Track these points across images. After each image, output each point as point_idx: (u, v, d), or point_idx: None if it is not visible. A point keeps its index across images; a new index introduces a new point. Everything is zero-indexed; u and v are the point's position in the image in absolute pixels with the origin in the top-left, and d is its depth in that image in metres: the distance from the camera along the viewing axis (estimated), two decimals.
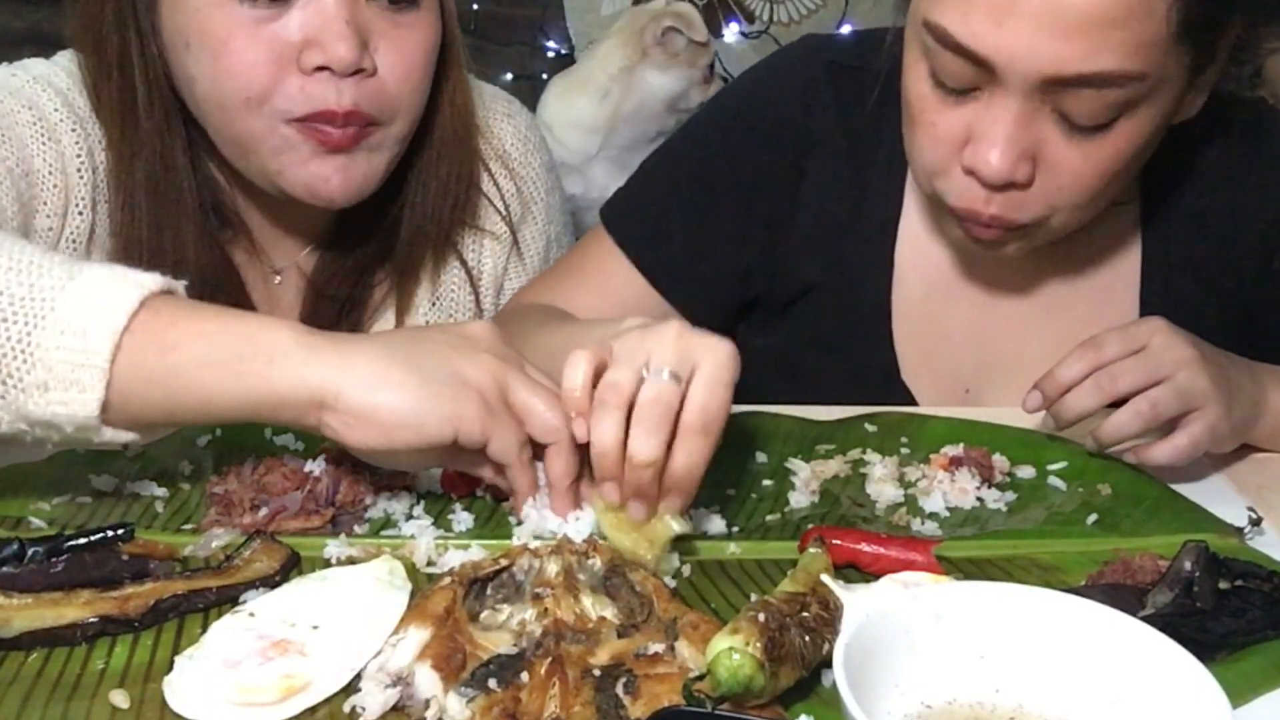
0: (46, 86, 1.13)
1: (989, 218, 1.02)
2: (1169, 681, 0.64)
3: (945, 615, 0.69)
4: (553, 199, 1.36)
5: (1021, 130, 0.97)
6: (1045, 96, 0.95)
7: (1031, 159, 0.99)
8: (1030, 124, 0.97)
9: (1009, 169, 0.98)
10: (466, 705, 0.68)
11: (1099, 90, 0.94)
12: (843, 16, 2.91)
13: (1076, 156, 0.98)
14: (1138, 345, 0.97)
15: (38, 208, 1.11)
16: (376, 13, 1.08)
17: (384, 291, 1.26)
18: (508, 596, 0.77)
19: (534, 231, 1.33)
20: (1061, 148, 0.98)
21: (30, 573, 0.77)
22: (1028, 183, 1.00)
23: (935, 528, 0.92)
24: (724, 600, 0.82)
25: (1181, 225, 1.16)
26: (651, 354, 0.82)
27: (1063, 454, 1.02)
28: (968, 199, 1.02)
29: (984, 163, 0.98)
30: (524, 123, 1.34)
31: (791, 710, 0.70)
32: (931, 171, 1.05)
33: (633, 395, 0.81)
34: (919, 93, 1.02)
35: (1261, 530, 0.91)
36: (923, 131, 1.03)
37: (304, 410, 0.81)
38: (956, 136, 1.01)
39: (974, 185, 1.01)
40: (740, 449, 1.03)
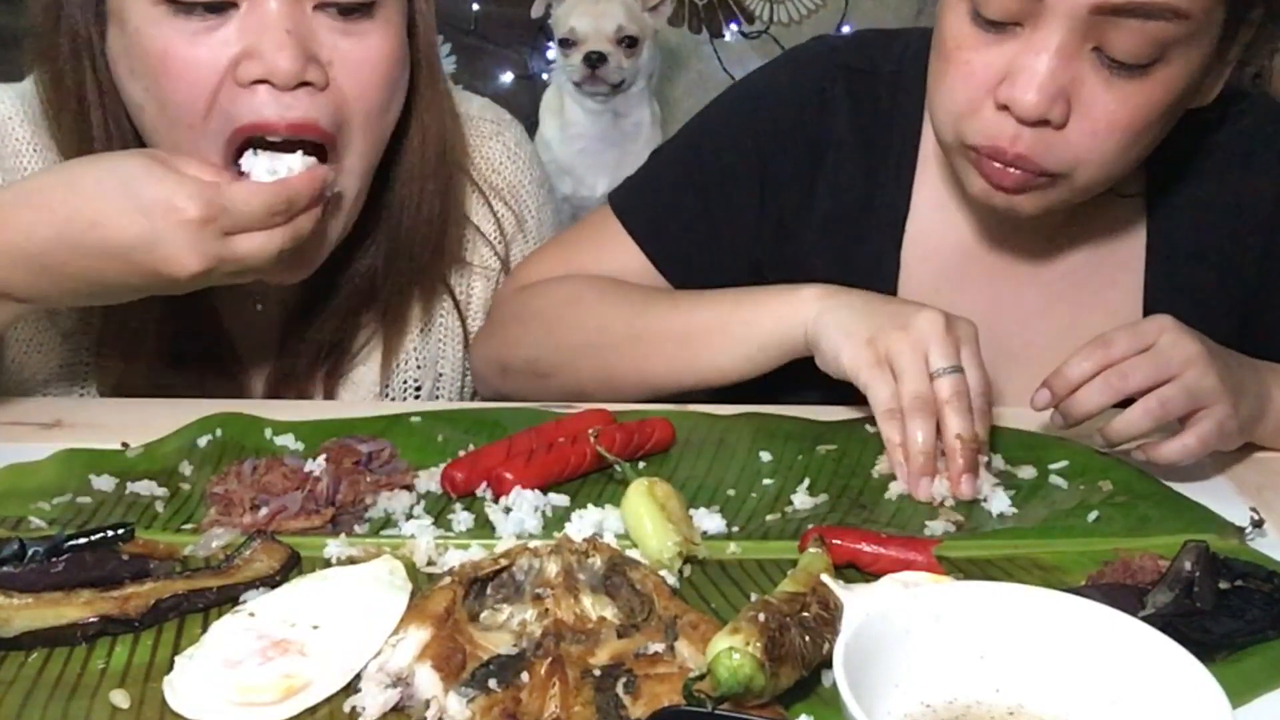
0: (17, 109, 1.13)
1: (1014, 156, 1.01)
2: (1169, 681, 0.64)
3: (945, 615, 0.69)
4: (544, 214, 1.34)
5: (1062, 66, 0.97)
6: (1089, 31, 0.95)
7: (1067, 100, 0.98)
8: (1070, 60, 0.97)
9: (1046, 103, 0.97)
10: (466, 705, 0.68)
11: (1144, 22, 0.94)
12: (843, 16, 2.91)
13: (1113, 99, 0.98)
14: (1146, 343, 0.97)
15: None
16: (326, 23, 1.02)
17: (370, 334, 1.21)
18: (508, 596, 0.77)
19: (525, 250, 1.31)
20: (1099, 88, 0.98)
21: (30, 573, 0.77)
22: (1061, 123, 0.99)
23: (940, 528, 0.92)
24: (724, 600, 0.82)
25: (1186, 214, 1.17)
26: (929, 354, 0.97)
27: (1064, 453, 1.02)
28: (995, 135, 1.01)
29: (1022, 94, 0.98)
30: (513, 138, 1.32)
31: (791, 710, 0.70)
32: (960, 112, 1.04)
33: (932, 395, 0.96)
34: (957, 30, 1.02)
35: (1262, 531, 0.91)
36: (956, 69, 1.03)
37: None
38: (993, 74, 1.00)
39: (1005, 122, 1.01)
40: (740, 449, 1.03)
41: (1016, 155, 1.01)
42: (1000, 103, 1.00)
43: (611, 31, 2.51)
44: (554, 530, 0.89)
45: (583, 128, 2.59)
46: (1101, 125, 0.99)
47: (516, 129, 1.34)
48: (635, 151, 2.62)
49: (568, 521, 0.90)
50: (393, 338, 1.22)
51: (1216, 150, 1.16)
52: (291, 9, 1.00)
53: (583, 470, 0.97)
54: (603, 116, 2.58)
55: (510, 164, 1.30)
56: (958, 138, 1.06)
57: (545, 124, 2.65)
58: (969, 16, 1.01)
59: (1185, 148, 1.14)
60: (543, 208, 1.34)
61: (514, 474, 0.93)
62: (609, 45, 2.50)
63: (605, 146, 2.61)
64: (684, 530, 0.86)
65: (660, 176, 1.27)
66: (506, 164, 1.30)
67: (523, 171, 1.31)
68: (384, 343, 1.22)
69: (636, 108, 2.61)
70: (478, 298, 1.28)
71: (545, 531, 0.89)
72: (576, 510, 0.91)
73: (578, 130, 2.60)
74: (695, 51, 2.94)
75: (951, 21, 1.03)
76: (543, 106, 2.67)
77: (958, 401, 0.96)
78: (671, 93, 2.81)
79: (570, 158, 2.61)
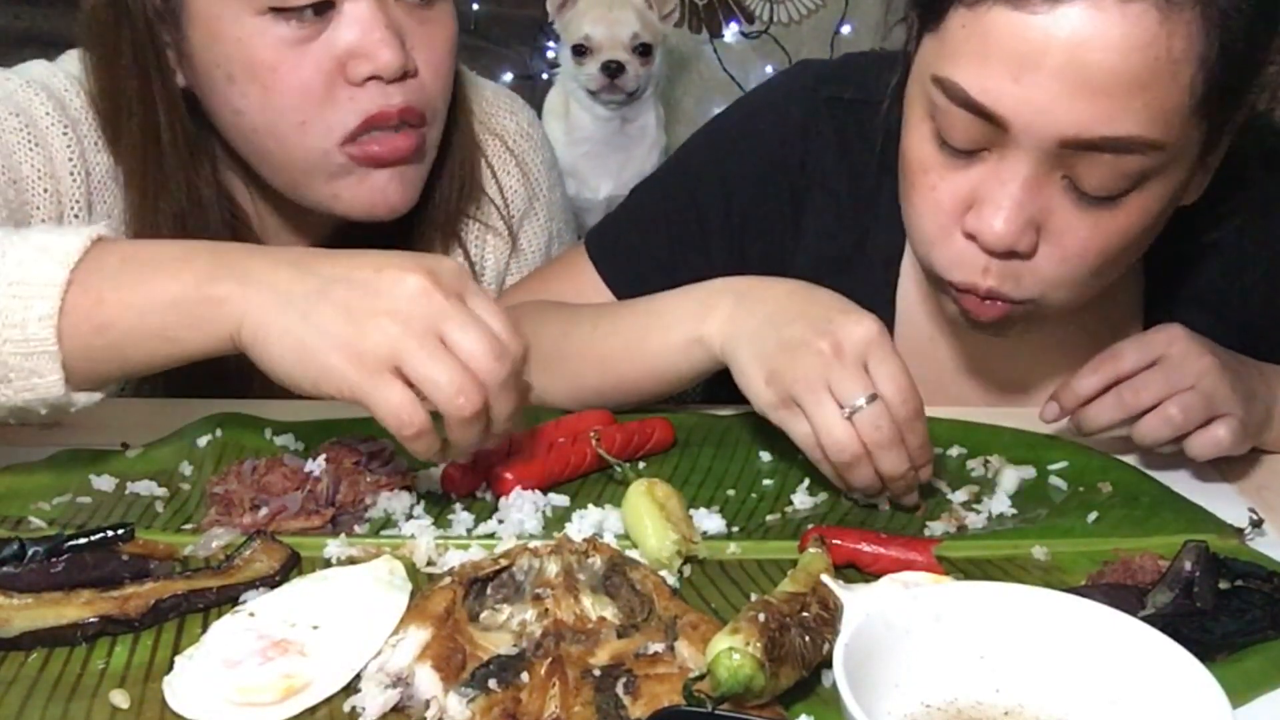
0: (40, 90, 1.12)
1: (986, 290, 0.97)
2: (1169, 681, 0.64)
3: (945, 615, 0.69)
4: (555, 195, 1.36)
5: (1030, 195, 0.92)
6: (1058, 161, 0.91)
7: (1036, 228, 0.94)
8: (1039, 190, 0.92)
9: (1015, 235, 0.93)
10: (466, 705, 0.68)
11: (1116, 156, 0.89)
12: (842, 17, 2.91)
13: (1084, 227, 0.94)
14: (1155, 355, 0.97)
15: (31, 213, 1.10)
16: (405, 11, 1.08)
17: None
18: (508, 596, 0.77)
19: (536, 228, 1.34)
20: (1069, 217, 0.93)
21: (30, 573, 0.77)
22: (1030, 253, 0.95)
23: (940, 528, 0.92)
24: (724, 600, 0.82)
25: (1185, 256, 1.12)
26: (834, 389, 0.88)
27: (1063, 454, 1.02)
28: (966, 270, 0.97)
29: (988, 227, 0.93)
30: (526, 120, 1.35)
31: (791, 710, 0.70)
32: (931, 239, 1.00)
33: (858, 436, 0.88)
34: (921, 155, 0.97)
35: (1262, 531, 0.91)
36: (921, 196, 0.98)
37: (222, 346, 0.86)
38: (959, 201, 0.96)
39: (973, 253, 0.96)
40: (740, 449, 1.03)
41: (989, 289, 0.97)
42: (967, 232, 0.96)
43: (627, 39, 2.49)
44: (554, 530, 0.89)
45: (588, 131, 2.59)
46: (1072, 253, 0.95)
47: (530, 112, 1.37)
48: (639, 155, 2.61)
49: (568, 521, 0.90)
50: None
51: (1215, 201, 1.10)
52: (382, 5, 1.06)
53: (583, 470, 0.97)
54: (610, 122, 2.58)
55: (525, 142, 1.33)
56: (929, 267, 1.02)
57: (549, 126, 2.63)
58: (933, 139, 0.96)
59: None
60: (553, 189, 1.36)
61: (514, 474, 0.93)
62: (625, 53, 2.49)
63: (610, 150, 2.60)
64: (684, 530, 0.86)
65: (633, 217, 1.24)
66: (521, 141, 1.32)
67: (536, 151, 1.34)
68: None
69: (643, 113, 2.60)
70: (490, 268, 1.31)
71: (545, 531, 0.89)
72: (576, 510, 0.91)
73: (583, 134, 2.59)
74: (695, 51, 2.94)
75: (916, 143, 0.98)
76: (546, 108, 2.66)
77: (880, 439, 0.88)
78: (671, 92, 2.80)
79: (574, 160, 2.60)
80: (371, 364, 0.81)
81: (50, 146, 1.11)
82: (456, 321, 0.82)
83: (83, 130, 1.13)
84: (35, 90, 1.12)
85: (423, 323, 0.81)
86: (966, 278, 0.98)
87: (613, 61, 2.48)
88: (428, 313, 0.82)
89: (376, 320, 0.81)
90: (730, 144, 1.20)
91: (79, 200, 1.13)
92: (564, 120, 2.62)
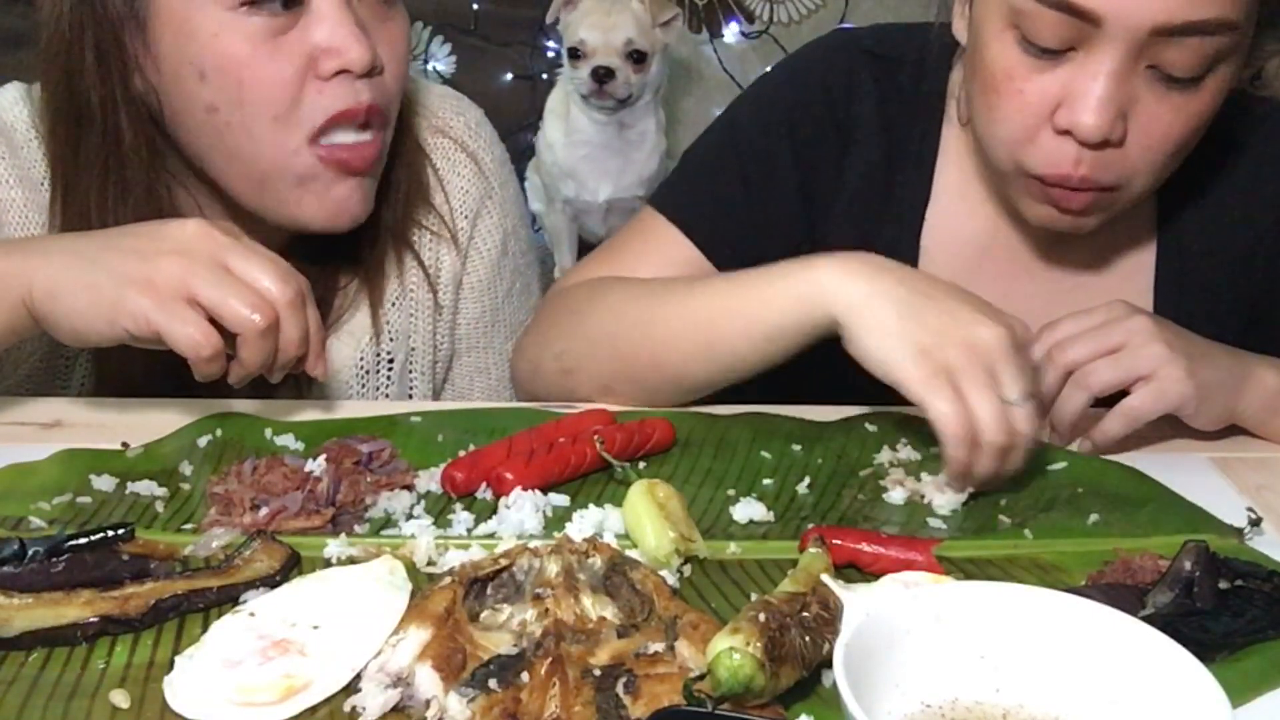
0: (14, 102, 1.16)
1: (1079, 180, 1.02)
2: (1169, 681, 0.64)
3: (945, 615, 0.69)
4: (508, 192, 1.35)
5: (1119, 87, 0.97)
6: (1144, 51, 0.96)
7: (1124, 117, 0.99)
8: (1127, 80, 0.98)
9: (1107, 125, 0.98)
10: (467, 705, 0.68)
11: (1201, 40, 0.95)
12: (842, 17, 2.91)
13: (1168, 112, 0.99)
14: (1094, 322, 1.01)
15: None
16: (367, 10, 1.09)
17: (350, 294, 1.26)
18: (508, 596, 0.77)
19: (491, 224, 1.32)
20: (1154, 104, 0.99)
21: (30, 573, 0.77)
22: (1121, 141, 1.00)
23: (940, 525, 0.92)
24: (724, 600, 0.82)
25: (1197, 214, 1.17)
26: (1000, 377, 0.90)
27: (1063, 454, 1.02)
28: (1058, 162, 1.02)
29: (1081, 121, 0.98)
30: (474, 118, 1.34)
31: (791, 710, 0.70)
32: (1017, 140, 1.04)
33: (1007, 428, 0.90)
34: (1005, 62, 1.01)
35: (1261, 530, 0.91)
36: (1009, 100, 1.02)
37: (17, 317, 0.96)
38: (1048, 101, 1.00)
39: (1066, 147, 1.01)
40: (740, 449, 1.03)
41: (1081, 178, 1.02)
42: (1060, 128, 1.00)
43: (620, 45, 2.49)
44: (554, 530, 0.89)
45: (588, 135, 2.59)
46: (1156, 138, 1.01)
47: (478, 112, 1.36)
48: (639, 159, 2.61)
49: (568, 521, 0.90)
50: (376, 293, 1.25)
51: (1228, 151, 1.16)
52: (350, 1, 1.07)
53: (583, 470, 0.97)
54: (609, 126, 2.58)
55: (474, 140, 1.32)
56: (1017, 167, 1.05)
57: (550, 127, 2.64)
58: (1017, 45, 1.01)
59: (1198, 149, 1.14)
60: (505, 185, 1.35)
61: (514, 474, 0.93)
62: (617, 59, 2.49)
63: (609, 154, 2.60)
64: (684, 530, 0.86)
65: (699, 169, 1.26)
66: (470, 140, 1.32)
67: (487, 148, 1.33)
68: (369, 297, 1.25)
69: (643, 119, 2.60)
70: (446, 269, 1.30)
71: (545, 531, 0.89)
72: (577, 510, 0.91)
73: (583, 137, 2.59)
74: (695, 51, 2.94)
75: (999, 51, 1.02)
76: (547, 109, 2.66)
77: (1023, 438, 0.91)
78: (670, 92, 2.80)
79: (574, 162, 2.60)
80: (166, 294, 0.91)
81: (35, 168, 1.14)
82: (239, 252, 0.95)
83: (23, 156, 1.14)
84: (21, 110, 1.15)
85: (209, 255, 0.93)
86: (1060, 170, 1.02)
87: (602, 67, 2.48)
88: (212, 248, 0.94)
89: (165, 257, 0.93)
90: (783, 87, 1.25)
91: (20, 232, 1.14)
92: (564, 121, 2.62)
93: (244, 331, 0.93)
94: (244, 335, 0.93)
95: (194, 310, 0.92)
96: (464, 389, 1.36)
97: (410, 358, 1.30)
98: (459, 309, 1.32)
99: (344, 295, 1.25)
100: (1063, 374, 1.01)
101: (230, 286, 0.92)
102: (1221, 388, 1.01)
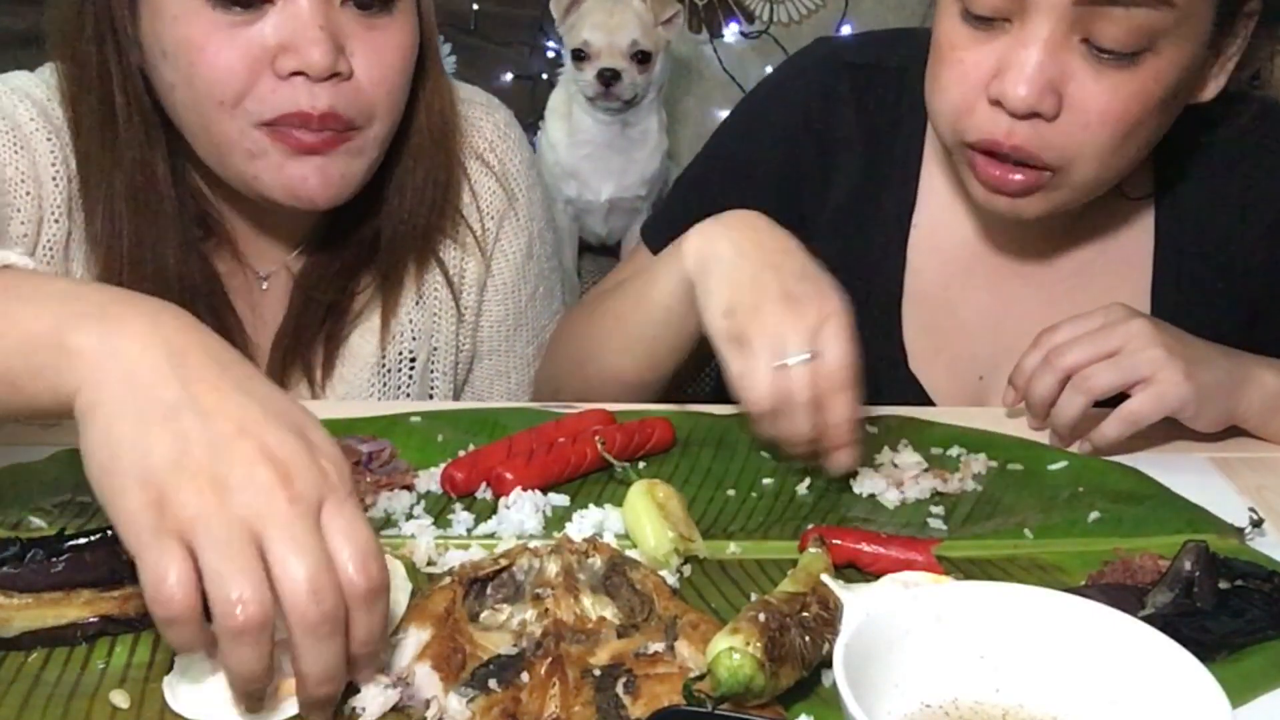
0: (24, 97, 1.14)
1: (1010, 148, 1.02)
2: (1169, 681, 0.64)
3: (945, 615, 0.69)
4: (534, 195, 1.36)
5: (1050, 58, 0.98)
6: (1076, 23, 0.97)
7: (1058, 93, 0.99)
8: (1058, 53, 0.98)
9: (1036, 95, 0.98)
10: (466, 705, 0.68)
11: (1128, 11, 0.95)
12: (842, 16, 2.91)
13: (1103, 90, 0.99)
14: (1091, 326, 1.01)
15: (11, 215, 1.11)
16: (351, 17, 1.08)
17: (367, 298, 1.26)
18: (508, 596, 0.77)
19: (516, 228, 1.33)
20: (1088, 79, 0.99)
21: (30, 573, 0.77)
22: (1053, 115, 1.00)
23: (940, 525, 0.92)
24: (724, 600, 0.82)
25: (1193, 216, 1.17)
26: (786, 339, 0.92)
27: (1063, 454, 1.02)
28: (990, 129, 1.03)
29: (1011, 89, 0.99)
30: (503, 119, 1.35)
31: (791, 710, 0.70)
32: (956, 110, 1.05)
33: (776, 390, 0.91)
34: (949, 31, 1.04)
35: (1262, 530, 0.91)
36: (949, 70, 1.05)
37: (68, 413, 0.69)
38: (985, 71, 1.02)
39: (999, 117, 1.02)
40: (740, 449, 1.03)
41: (1012, 147, 1.02)
42: (992, 98, 1.01)
43: (625, 46, 2.49)
44: (554, 530, 0.89)
45: (590, 135, 2.58)
46: (1093, 116, 1.00)
47: (505, 112, 1.37)
48: (641, 158, 2.61)
49: (568, 521, 0.90)
50: (390, 299, 1.26)
51: (1224, 153, 1.16)
52: (323, 5, 1.06)
53: (583, 470, 0.97)
54: (611, 126, 2.57)
55: (501, 143, 1.32)
56: (956, 137, 1.07)
57: (552, 127, 2.64)
58: (960, 16, 1.03)
59: (1192, 150, 1.15)
60: (532, 189, 1.36)
61: (514, 474, 0.93)
62: (622, 60, 2.48)
63: (612, 154, 2.59)
64: (684, 530, 0.86)
65: (684, 200, 1.30)
66: (498, 143, 1.32)
67: (513, 152, 1.34)
68: (382, 303, 1.26)
69: (645, 118, 2.59)
70: (470, 274, 1.31)
71: (545, 531, 0.89)
72: (577, 510, 0.91)
73: (585, 137, 2.59)
74: (695, 51, 2.94)
75: (944, 22, 1.05)
76: (549, 109, 2.65)
77: (791, 399, 0.92)
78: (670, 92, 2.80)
79: (576, 162, 2.60)
80: (168, 523, 0.63)
81: (34, 151, 1.12)
82: (283, 534, 0.63)
83: (64, 138, 1.14)
84: (19, 97, 1.14)
85: (243, 514, 0.63)
86: (991, 136, 1.03)
87: (608, 69, 2.47)
88: (253, 507, 0.63)
89: (198, 482, 0.63)
90: (759, 113, 1.27)
91: (59, 205, 1.13)
92: (566, 121, 2.61)
93: (218, 622, 0.63)
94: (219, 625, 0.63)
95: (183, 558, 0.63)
96: (483, 392, 1.37)
97: (432, 358, 1.31)
98: (481, 312, 1.33)
99: (365, 294, 1.26)
100: (1061, 378, 1.01)
101: (233, 563, 0.62)
102: (1221, 390, 1.01)
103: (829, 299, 0.94)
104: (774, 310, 0.93)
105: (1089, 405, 1.00)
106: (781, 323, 0.93)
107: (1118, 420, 1.00)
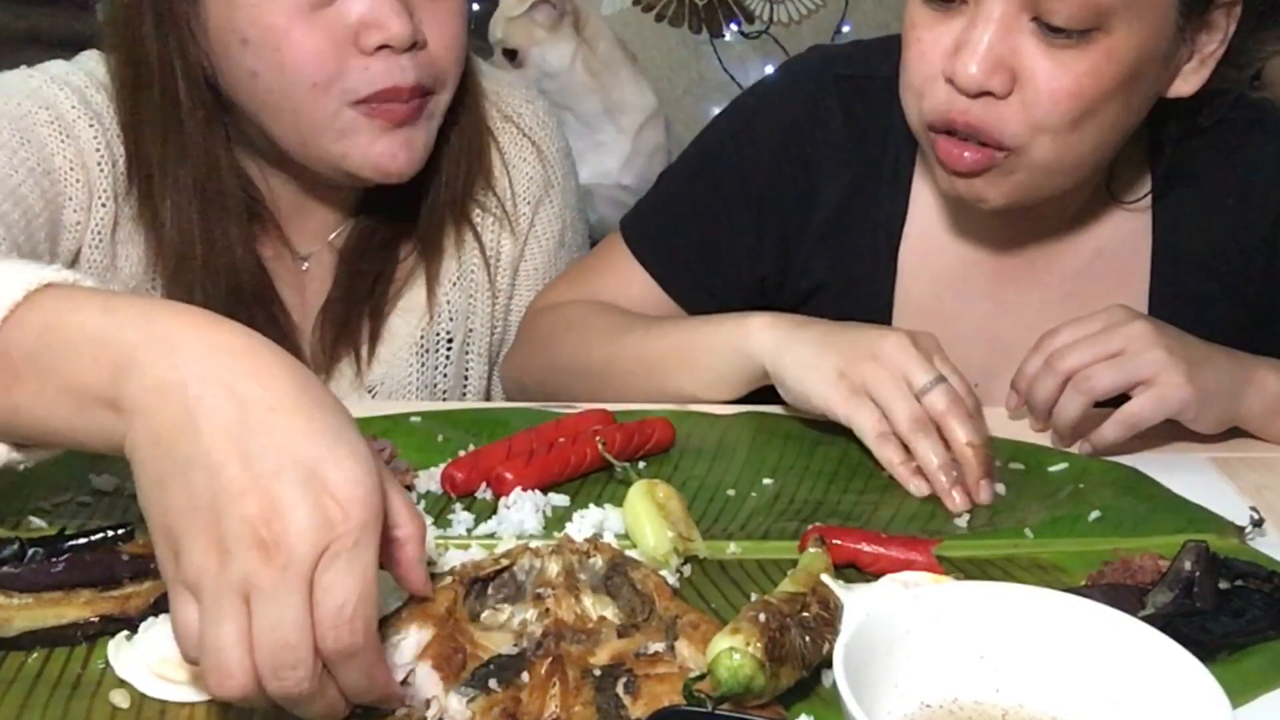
0: (63, 85, 1.15)
1: (963, 125, 1.03)
2: (1169, 681, 0.64)
3: (945, 615, 0.69)
4: (569, 183, 1.38)
5: (1000, 36, 0.99)
6: (1026, 2, 0.98)
7: (1010, 71, 1.00)
8: (1009, 32, 0.99)
9: (986, 73, 0.99)
10: (467, 705, 0.68)
11: None
12: (842, 16, 2.91)
13: (1054, 68, 0.99)
14: (1093, 327, 1.01)
15: (64, 203, 1.13)
16: None
17: (409, 268, 1.28)
18: (508, 596, 0.77)
19: (551, 214, 1.36)
20: (1041, 58, 0.99)
21: (30, 573, 0.77)
22: (1005, 93, 1.01)
23: (940, 525, 0.92)
24: (724, 600, 0.82)
25: (1191, 223, 1.17)
26: (908, 375, 0.97)
27: (1063, 455, 1.03)
28: (945, 108, 1.04)
29: (962, 68, 1.00)
30: (542, 108, 1.37)
31: (791, 710, 0.70)
32: (917, 92, 1.06)
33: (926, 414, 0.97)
34: (913, 13, 1.05)
35: (1262, 531, 0.91)
36: (909, 50, 1.06)
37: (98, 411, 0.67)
38: (941, 50, 1.03)
39: (954, 95, 1.03)
40: (740, 449, 1.03)
41: (965, 125, 1.03)
42: (946, 76, 1.03)
43: None
44: (554, 530, 0.89)
45: None
46: (1044, 95, 1.00)
47: (545, 101, 1.40)
48: None
49: (568, 521, 0.90)
50: (433, 267, 1.28)
51: (1222, 159, 1.16)
52: None
53: (583, 470, 0.97)
54: None
55: (540, 130, 1.35)
56: (919, 119, 1.07)
57: None
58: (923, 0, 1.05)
59: (1189, 155, 1.14)
60: (568, 176, 1.38)
61: (514, 474, 0.93)
62: None
63: None
64: (684, 530, 0.86)
65: (665, 200, 1.30)
66: (538, 130, 1.35)
67: (552, 139, 1.36)
68: (426, 271, 1.28)
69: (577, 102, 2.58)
70: (506, 254, 1.33)
71: (545, 531, 0.89)
72: (577, 510, 0.91)
73: None
74: (695, 51, 2.94)
75: (909, 5, 1.06)
76: None
77: (957, 409, 0.97)
78: (672, 92, 2.80)
79: None
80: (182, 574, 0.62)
81: (79, 138, 1.14)
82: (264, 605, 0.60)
83: (106, 123, 1.16)
84: (60, 85, 1.15)
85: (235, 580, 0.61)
86: (946, 112, 1.04)
87: None
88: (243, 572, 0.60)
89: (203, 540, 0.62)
90: (746, 124, 1.26)
91: (105, 190, 1.15)
92: None
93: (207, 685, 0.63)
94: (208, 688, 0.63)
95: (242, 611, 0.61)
96: None
97: (468, 338, 1.32)
98: (514, 294, 1.36)
99: (403, 269, 1.28)
100: (1062, 380, 1.00)
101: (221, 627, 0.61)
102: (1222, 391, 1.01)
103: (924, 338, 1.00)
104: (886, 360, 0.98)
105: (1089, 406, 1.00)
106: (897, 360, 0.98)
107: (1118, 422, 1.00)
